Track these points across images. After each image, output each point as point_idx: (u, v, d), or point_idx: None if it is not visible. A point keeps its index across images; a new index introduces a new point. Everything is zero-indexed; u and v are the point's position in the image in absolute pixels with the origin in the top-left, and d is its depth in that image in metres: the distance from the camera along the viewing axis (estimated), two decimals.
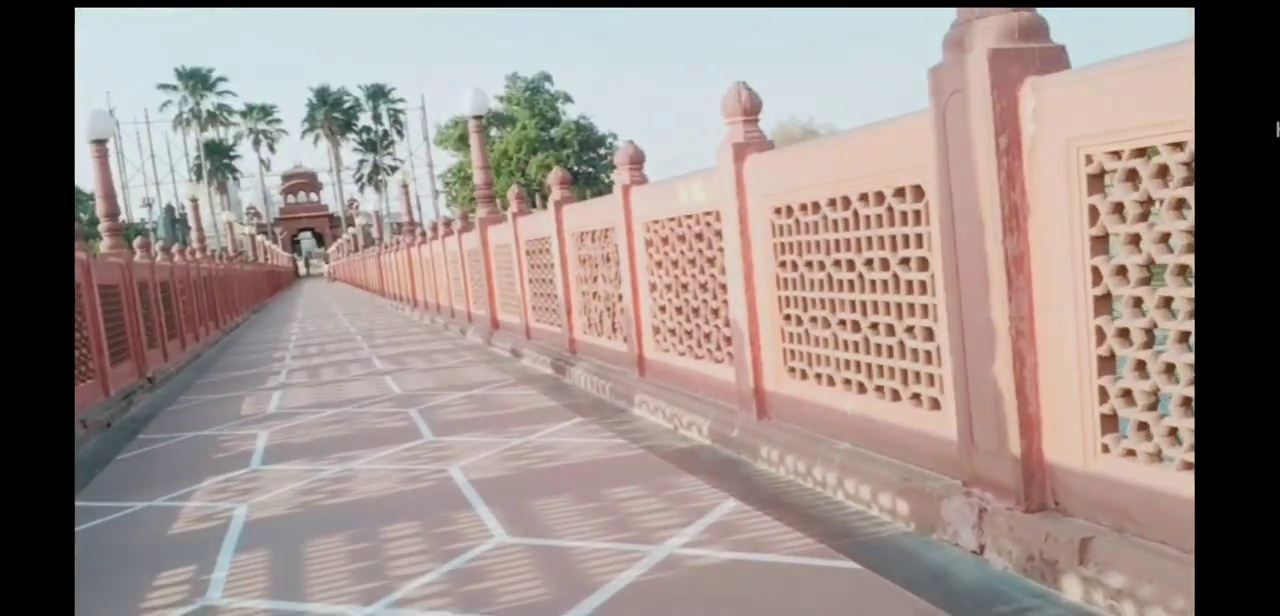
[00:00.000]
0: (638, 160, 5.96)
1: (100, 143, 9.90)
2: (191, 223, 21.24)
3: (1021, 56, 2.68)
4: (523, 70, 79.77)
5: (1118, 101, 2.40)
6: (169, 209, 72.92)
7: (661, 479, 4.18)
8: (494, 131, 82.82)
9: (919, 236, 3.22)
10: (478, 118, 10.80)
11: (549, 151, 78.31)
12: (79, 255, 8.14)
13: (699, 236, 5.01)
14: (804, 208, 3.88)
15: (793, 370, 4.20)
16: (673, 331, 5.56)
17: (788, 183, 3.99)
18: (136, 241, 11.69)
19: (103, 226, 10.02)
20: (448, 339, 12.34)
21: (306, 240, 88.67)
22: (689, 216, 5.08)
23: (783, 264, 4.11)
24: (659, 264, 5.61)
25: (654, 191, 5.64)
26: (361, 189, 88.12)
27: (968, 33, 2.72)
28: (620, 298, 6.47)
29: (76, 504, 4.83)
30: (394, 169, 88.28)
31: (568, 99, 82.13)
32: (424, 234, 17.41)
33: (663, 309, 5.66)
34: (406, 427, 6.03)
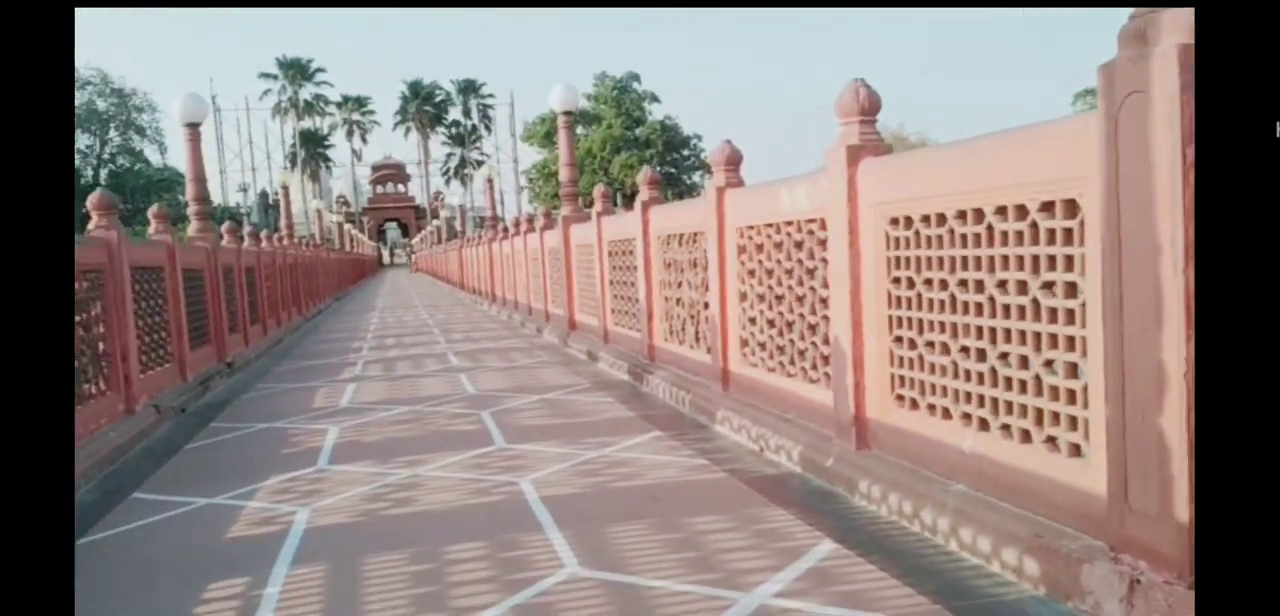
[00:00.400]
0: (734, 161, 5.58)
1: (193, 126, 9.97)
2: (282, 209, 21.66)
3: None
4: (611, 69, 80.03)
5: None
6: (263, 195, 75.36)
7: (748, 509, 3.80)
8: (579, 129, 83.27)
9: (1068, 258, 2.77)
10: (567, 113, 10.56)
11: (633, 151, 78.35)
12: (165, 238, 8.16)
13: (798, 245, 4.61)
14: (926, 219, 3.45)
15: (901, 398, 3.77)
16: (762, 345, 5.17)
17: (908, 190, 3.57)
18: (224, 226, 11.80)
19: (191, 210, 10.09)
20: (524, 337, 12.15)
21: (392, 230, 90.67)
22: (789, 223, 4.68)
23: (896, 280, 3.69)
24: (751, 272, 5.23)
25: (752, 195, 5.25)
26: (448, 182, 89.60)
27: (1152, 24, 2.28)
28: (706, 306, 6.10)
29: (139, 495, 4.70)
30: (480, 163, 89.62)
31: (655, 99, 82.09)
32: (506, 229, 17.32)
33: (752, 321, 5.27)
34: (478, 432, 5.78)
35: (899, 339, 3.73)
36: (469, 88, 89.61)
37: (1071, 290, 2.78)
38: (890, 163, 3.79)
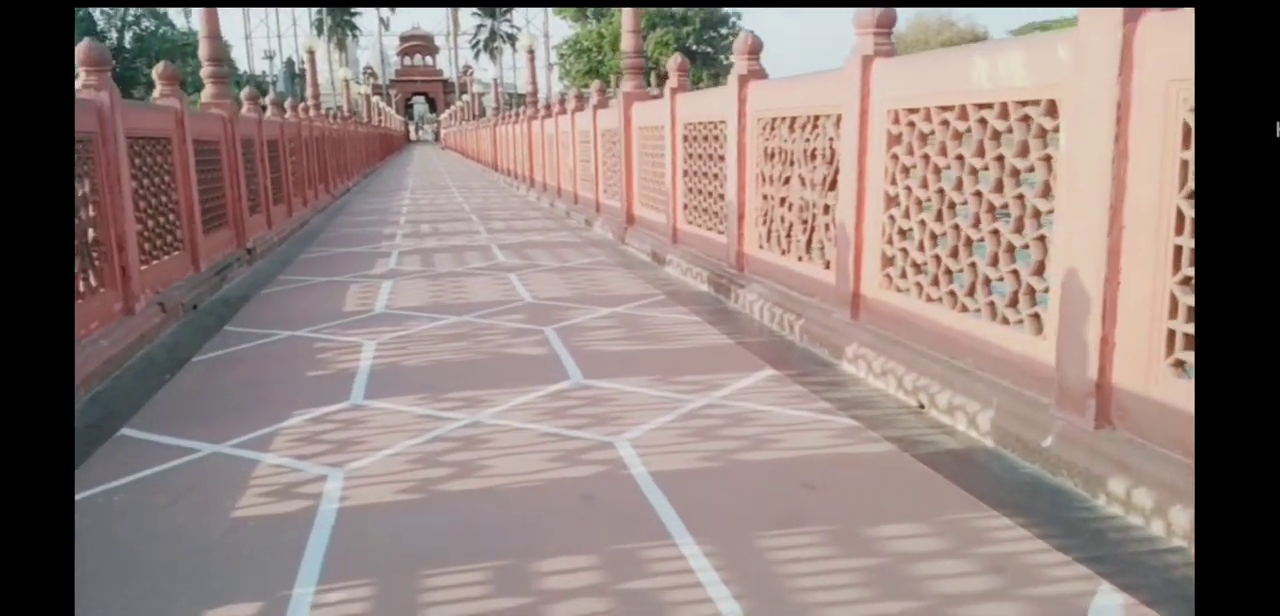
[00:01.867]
0: (886, 24, 4.31)
1: None
2: (308, 77, 20.33)
3: None
4: None
5: None
6: (289, 63, 73.65)
7: (953, 513, 2.71)
8: (609, 8, 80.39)
9: None
10: None
11: (668, 28, 75.51)
12: (173, 104, 7.01)
13: (997, 136, 3.40)
14: None
15: (1180, 365, 2.62)
16: (917, 267, 4.01)
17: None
18: (243, 92, 10.62)
19: (205, 72, 8.87)
20: (571, 229, 11.02)
21: (419, 104, 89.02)
22: (984, 106, 3.46)
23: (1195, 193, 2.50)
24: (907, 169, 4.03)
25: (921, 67, 4.00)
26: (477, 56, 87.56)
27: None
28: (826, 209, 4.92)
29: (129, 432, 3.68)
30: (512, 36, 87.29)
31: None
32: (548, 107, 16.00)
33: (903, 234, 4.10)
34: (546, 357, 4.70)
35: (1189, 280, 2.56)
36: None
37: None
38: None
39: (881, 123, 4.20)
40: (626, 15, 9.58)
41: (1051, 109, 3.10)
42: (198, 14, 8.94)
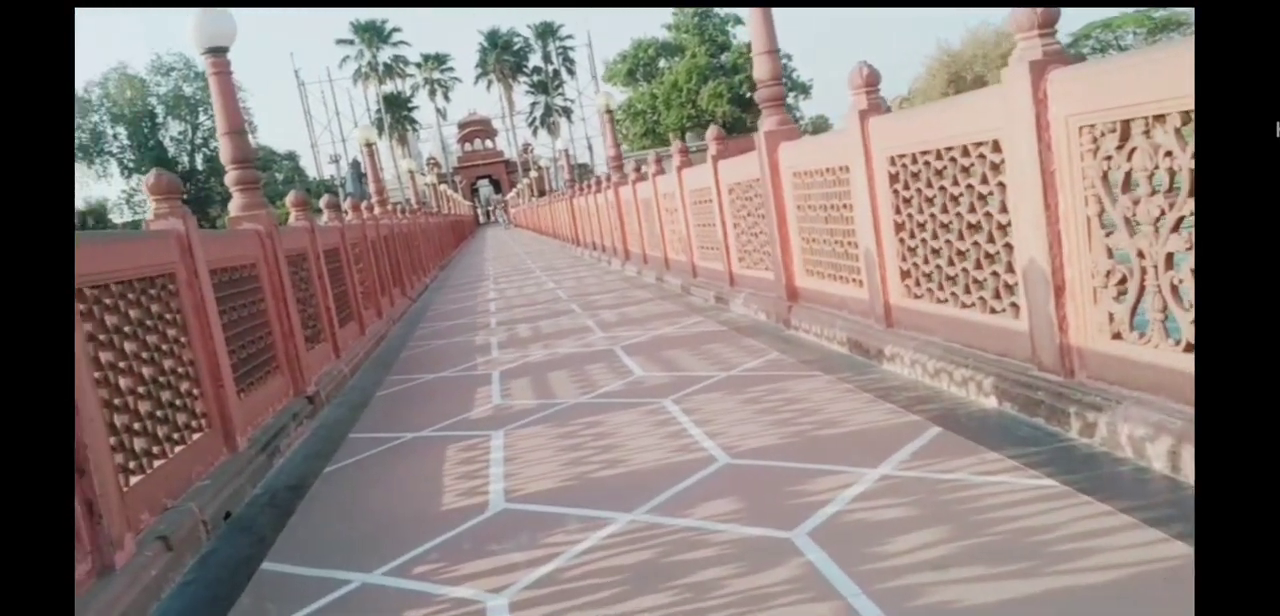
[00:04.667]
0: None
1: (217, 53, 6.71)
2: (367, 171, 18.61)
3: None
4: None
5: None
6: (355, 164, 74.05)
7: None
8: (661, 62, 79.40)
9: None
10: None
11: (720, 79, 74.00)
12: (170, 226, 4.96)
13: None
14: None
15: None
16: None
17: None
18: (290, 196, 8.70)
19: (230, 178, 6.85)
20: (702, 312, 8.73)
21: (484, 187, 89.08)
22: None
23: None
24: None
25: None
26: (535, 132, 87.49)
27: None
28: None
29: None
30: (567, 110, 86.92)
31: (738, 21, 78.37)
32: (639, 168, 13.89)
33: None
34: None
35: None
36: (547, 31, 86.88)
37: None
38: None
39: None
40: (756, 34, 7.36)
41: None
42: (216, 109, 7.02)
